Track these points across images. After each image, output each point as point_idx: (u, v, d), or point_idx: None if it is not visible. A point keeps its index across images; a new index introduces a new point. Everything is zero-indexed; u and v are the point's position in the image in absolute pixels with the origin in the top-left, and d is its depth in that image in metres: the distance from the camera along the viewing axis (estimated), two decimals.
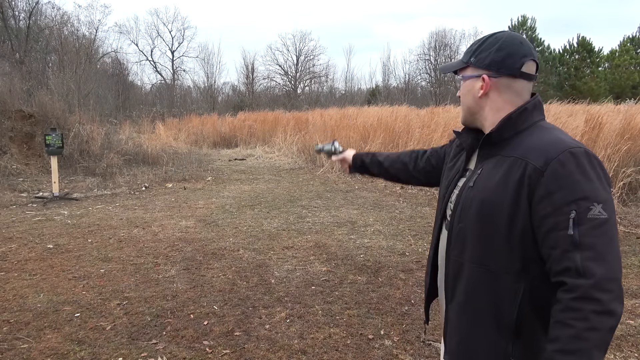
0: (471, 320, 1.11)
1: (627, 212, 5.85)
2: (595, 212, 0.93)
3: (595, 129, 6.44)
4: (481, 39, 1.16)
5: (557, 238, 0.94)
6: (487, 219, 1.05)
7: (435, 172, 1.48)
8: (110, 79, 26.28)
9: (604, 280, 0.90)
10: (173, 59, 38.91)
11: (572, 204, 0.94)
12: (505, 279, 1.04)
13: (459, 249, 1.12)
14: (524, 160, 1.01)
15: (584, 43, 33.09)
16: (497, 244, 1.04)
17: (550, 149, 0.99)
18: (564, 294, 0.93)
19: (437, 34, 36.68)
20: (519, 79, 1.10)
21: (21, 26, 21.53)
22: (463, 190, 1.14)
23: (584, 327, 0.89)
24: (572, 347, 0.90)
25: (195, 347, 2.75)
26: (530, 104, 1.10)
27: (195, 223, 5.72)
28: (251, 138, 16.44)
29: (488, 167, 1.10)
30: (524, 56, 1.09)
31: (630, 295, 3.57)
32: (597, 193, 0.94)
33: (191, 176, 9.58)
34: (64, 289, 3.60)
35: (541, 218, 0.97)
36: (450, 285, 1.17)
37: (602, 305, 0.89)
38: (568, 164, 0.96)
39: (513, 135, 1.08)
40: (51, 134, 7.20)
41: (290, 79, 40.39)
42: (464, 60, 1.16)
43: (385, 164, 1.66)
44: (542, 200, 0.97)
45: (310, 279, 3.88)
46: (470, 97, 1.16)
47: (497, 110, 1.12)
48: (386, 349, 2.75)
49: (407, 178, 1.63)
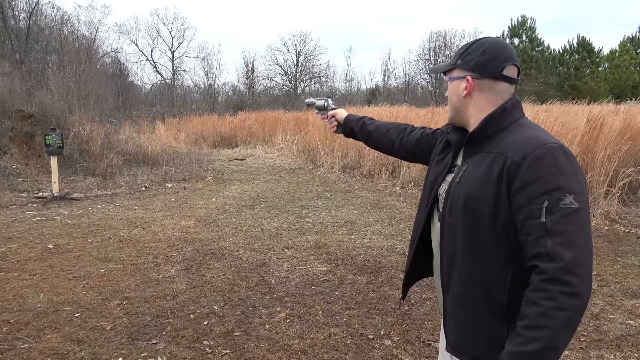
0: (467, 308, 1.17)
1: (627, 212, 5.85)
2: (567, 202, 0.99)
3: (595, 129, 6.44)
4: (468, 43, 1.24)
5: (532, 226, 1.01)
6: (473, 211, 1.12)
7: (422, 155, 1.57)
8: (110, 79, 26.25)
9: (571, 264, 0.96)
10: (173, 59, 38.96)
11: (546, 194, 1.00)
12: (494, 265, 1.11)
13: (450, 241, 1.19)
14: (504, 155, 1.09)
15: (584, 43, 33.10)
16: (483, 234, 1.11)
17: (528, 145, 1.07)
18: (536, 276, 1.00)
19: (437, 34, 36.81)
20: (501, 81, 1.18)
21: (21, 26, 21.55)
22: (451, 186, 1.20)
23: (551, 306, 0.96)
24: (539, 324, 0.97)
25: (195, 347, 2.74)
26: (510, 103, 1.18)
27: (195, 223, 5.72)
28: (251, 138, 16.43)
29: (472, 163, 1.17)
30: (505, 60, 1.17)
31: (630, 295, 3.57)
32: (570, 184, 1.01)
33: (191, 176, 9.58)
34: (64, 289, 3.60)
35: (518, 208, 1.05)
36: (445, 278, 1.22)
37: (570, 287, 0.95)
38: (543, 158, 1.03)
39: (495, 133, 1.16)
40: (51, 134, 7.20)
41: (290, 79, 40.41)
42: (452, 62, 1.25)
43: (373, 135, 1.73)
44: (519, 191, 1.04)
45: (310, 279, 3.88)
46: (456, 96, 1.24)
47: (480, 110, 1.20)
48: (386, 349, 2.75)
49: (391, 152, 1.72)
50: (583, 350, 2.75)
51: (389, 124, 1.71)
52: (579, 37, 33.40)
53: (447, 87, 1.30)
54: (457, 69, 1.23)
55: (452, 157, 1.28)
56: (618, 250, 4.65)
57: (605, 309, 3.32)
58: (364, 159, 9.63)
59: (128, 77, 33.17)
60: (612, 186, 5.95)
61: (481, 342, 1.15)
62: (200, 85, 37.82)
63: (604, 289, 3.68)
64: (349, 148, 10.32)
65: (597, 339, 2.88)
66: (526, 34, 34.93)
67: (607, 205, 5.76)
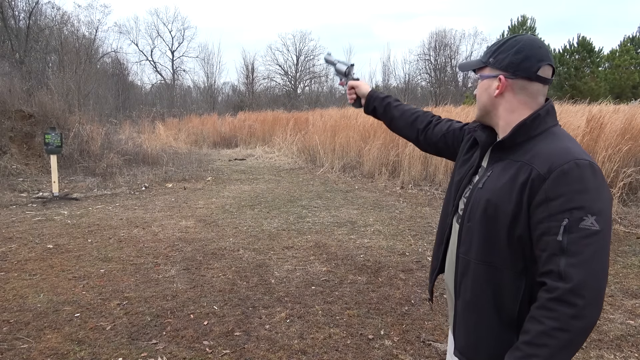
0: (477, 315, 1.15)
1: (627, 212, 5.85)
2: (587, 223, 0.96)
3: (596, 130, 6.43)
4: (502, 40, 1.18)
5: (548, 242, 0.99)
6: (492, 219, 1.09)
7: (448, 152, 1.50)
8: (110, 79, 26.27)
9: (581, 286, 0.94)
10: (173, 59, 38.97)
11: (567, 212, 0.98)
12: (508, 275, 1.08)
13: (466, 246, 1.17)
14: (530, 166, 1.05)
15: (584, 43, 33.08)
16: (500, 244, 1.08)
17: (556, 158, 1.02)
18: (543, 293, 0.99)
19: (437, 34, 36.76)
20: (535, 82, 1.12)
21: (21, 26, 21.53)
22: (474, 191, 1.17)
23: (554, 326, 0.95)
24: (539, 342, 0.96)
25: (195, 347, 2.74)
26: (544, 110, 1.13)
27: (195, 223, 5.72)
28: (251, 138, 16.43)
29: (497, 169, 1.13)
30: (540, 60, 1.11)
31: (630, 295, 3.57)
32: (593, 204, 0.97)
33: (191, 176, 9.58)
34: (64, 289, 3.60)
35: (537, 222, 1.02)
36: (458, 282, 1.21)
37: (576, 309, 0.94)
38: (570, 174, 0.99)
39: (525, 140, 1.11)
40: (50, 133, 7.21)
41: (290, 79, 40.39)
42: (483, 60, 1.19)
43: (398, 121, 1.63)
44: (540, 205, 1.01)
45: (310, 279, 3.87)
46: (486, 96, 1.19)
47: (511, 111, 1.15)
48: (386, 349, 2.75)
49: (414, 142, 1.62)
50: (583, 350, 2.75)
51: (416, 112, 1.60)
52: (579, 37, 33.34)
53: (476, 85, 1.25)
54: (488, 67, 1.17)
55: (478, 157, 1.25)
56: (618, 250, 4.65)
57: (605, 309, 3.31)
58: (364, 159, 9.62)
59: (128, 77, 33.22)
60: (613, 186, 5.95)
61: (489, 349, 1.13)
62: (200, 85, 37.86)
63: None
64: (349, 148, 10.32)
65: (597, 339, 2.88)
66: (526, 33, 34.90)
67: None
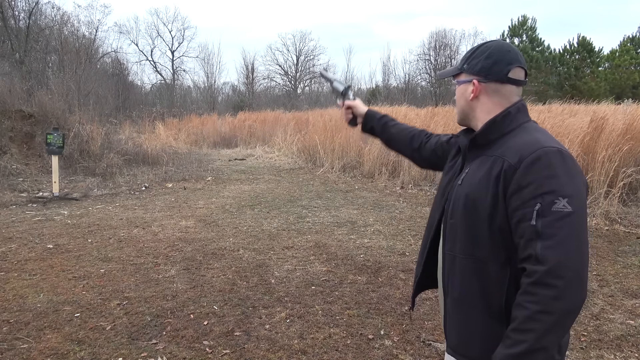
0: (467, 311, 1.18)
1: (627, 212, 5.85)
2: (559, 206, 1.00)
3: (597, 130, 6.43)
4: (474, 47, 1.27)
5: (524, 228, 1.03)
6: (472, 213, 1.14)
7: (442, 162, 1.55)
8: (110, 79, 26.23)
9: (558, 267, 0.97)
10: (173, 59, 38.92)
11: (538, 197, 1.02)
12: (492, 267, 1.12)
13: (451, 243, 1.21)
14: (502, 158, 1.11)
15: (584, 43, 33.08)
16: (482, 236, 1.13)
17: (525, 148, 1.08)
18: (524, 278, 1.02)
19: (437, 34, 36.68)
20: (507, 84, 1.20)
21: (21, 26, 21.52)
22: (454, 188, 1.23)
23: (537, 309, 0.98)
24: (525, 327, 0.99)
25: (195, 347, 2.74)
26: (514, 107, 1.19)
27: (195, 223, 5.72)
28: (251, 138, 16.43)
29: (474, 166, 1.19)
30: (510, 63, 1.19)
31: (630, 295, 3.57)
32: (564, 188, 1.02)
33: (191, 176, 9.58)
34: (64, 289, 3.59)
35: (512, 210, 1.06)
36: (446, 279, 1.23)
37: (556, 290, 0.97)
38: (538, 161, 1.05)
39: (498, 137, 1.18)
40: (53, 134, 7.20)
41: (290, 79, 40.41)
42: (458, 67, 1.28)
43: (395, 140, 1.69)
44: (514, 194, 1.06)
45: (310, 279, 3.87)
46: (463, 99, 1.26)
47: (487, 112, 1.22)
48: (386, 349, 2.75)
49: (410, 159, 1.71)
50: (583, 350, 2.75)
51: (412, 131, 1.65)
52: (579, 37, 33.38)
53: (454, 90, 1.33)
54: (463, 73, 1.26)
55: (461, 162, 1.29)
56: (618, 250, 4.65)
57: (606, 309, 3.31)
58: (364, 159, 9.62)
59: (128, 77, 33.12)
60: (613, 186, 5.95)
61: (481, 343, 1.15)
62: (200, 85, 37.82)
63: (604, 289, 3.68)
64: (349, 148, 10.32)
65: (597, 339, 2.88)
66: (526, 34, 34.92)
67: (607, 205, 5.76)
